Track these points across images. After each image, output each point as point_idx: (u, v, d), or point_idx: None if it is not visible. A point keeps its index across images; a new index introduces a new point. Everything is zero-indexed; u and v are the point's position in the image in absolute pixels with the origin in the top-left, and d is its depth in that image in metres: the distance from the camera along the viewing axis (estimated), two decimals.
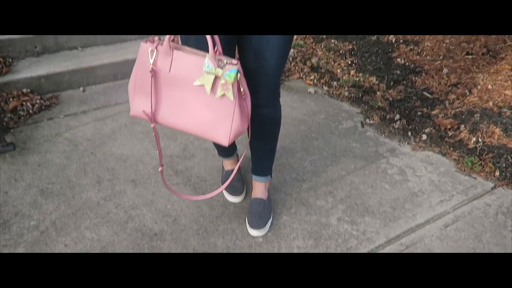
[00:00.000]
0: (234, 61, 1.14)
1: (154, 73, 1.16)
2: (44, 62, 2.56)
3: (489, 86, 2.58)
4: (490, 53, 2.99)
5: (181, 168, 1.92)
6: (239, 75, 1.14)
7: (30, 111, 2.27)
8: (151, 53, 1.16)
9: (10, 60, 2.51)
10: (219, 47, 1.17)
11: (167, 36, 1.16)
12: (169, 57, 1.16)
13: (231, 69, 1.13)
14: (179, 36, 1.26)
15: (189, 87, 1.17)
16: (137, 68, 1.19)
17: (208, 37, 1.13)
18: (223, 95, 1.15)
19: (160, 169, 1.27)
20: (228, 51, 1.31)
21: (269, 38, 1.29)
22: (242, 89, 1.17)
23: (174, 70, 1.16)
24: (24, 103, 2.29)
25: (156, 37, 1.19)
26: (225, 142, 1.20)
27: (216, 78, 1.14)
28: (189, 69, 1.16)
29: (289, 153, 2.06)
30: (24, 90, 2.36)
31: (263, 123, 1.49)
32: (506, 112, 2.33)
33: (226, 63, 1.14)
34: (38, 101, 2.33)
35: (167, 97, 1.19)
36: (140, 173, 1.88)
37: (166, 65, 1.17)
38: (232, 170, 1.81)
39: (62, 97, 2.47)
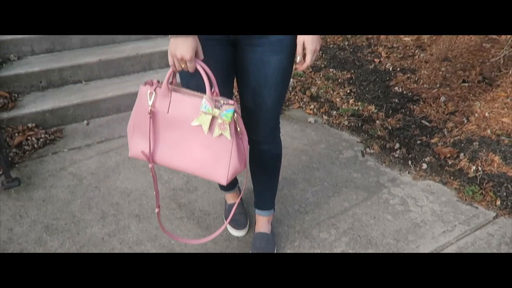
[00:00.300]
0: (231, 101, 1.18)
1: (152, 114, 1.20)
2: (49, 96, 2.61)
3: (486, 114, 2.62)
4: (486, 80, 3.05)
5: (184, 201, 1.94)
6: (235, 114, 1.17)
7: (35, 145, 2.30)
8: (150, 95, 1.19)
9: (16, 95, 2.56)
10: (215, 88, 1.21)
11: (166, 79, 1.20)
12: (167, 98, 1.20)
13: (228, 109, 1.16)
14: (178, 78, 1.30)
15: (187, 128, 1.20)
16: (136, 110, 1.23)
17: (205, 78, 1.17)
18: (221, 134, 1.18)
19: (156, 210, 1.27)
20: (225, 90, 1.35)
21: (267, 75, 1.32)
22: (239, 129, 1.20)
23: (172, 111, 1.20)
24: (29, 137, 2.32)
25: (155, 80, 1.23)
26: (223, 181, 1.22)
27: (214, 118, 1.17)
28: (187, 110, 1.19)
29: (291, 184, 2.08)
30: (29, 125, 2.40)
31: (264, 159, 1.52)
32: (504, 140, 2.37)
33: (223, 103, 1.17)
34: (43, 135, 2.37)
35: (165, 138, 1.22)
36: (144, 207, 1.89)
37: (165, 106, 1.20)
38: (234, 204, 1.83)
39: (67, 131, 2.51)
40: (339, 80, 3.30)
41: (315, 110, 2.87)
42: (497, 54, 3.29)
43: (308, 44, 1.24)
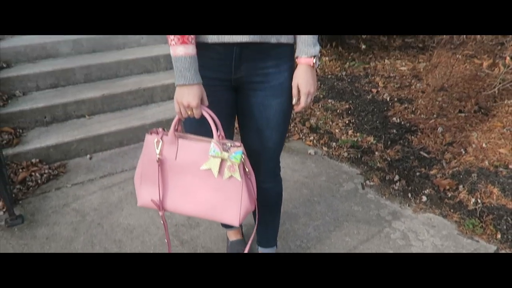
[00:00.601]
0: (237, 143, 1.21)
1: (160, 162, 1.23)
2: (52, 131, 2.65)
3: (484, 145, 2.67)
4: (482, 110, 3.11)
5: (186, 238, 1.95)
6: (243, 156, 1.21)
7: (39, 181, 2.32)
8: (157, 143, 1.23)
9: (21, 130, 2.60)
10: (221, 131, 1.25)
11: (172, 126, 1.24)
12: (174, 145, 1.23)
13: (237, 151, 1.19)
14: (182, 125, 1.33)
15: (196, 173, 1.23)
16: (143, 159, 1.25)
17: (211, 123, 1.21)
18: (231, 176, 1.21)
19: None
20: (227, 132, 1.38)
21: (268, 118, 1.36)
22: (247, 169, 1.23)
23: (180, 157, 1.23)
24: (33, 173, 2.35)
25: (160, 129, 1.26)
26: (236, 222, 1.24)
27: (223, 161, 1.20)
28: (195, 155, 1.22)
29: (293, 218, 2.10)
30: (33, 160, 2.43)
31: (265, 198, 1.55)
32: (503, 172, 2.40)
33: (230, 146, 1.21)
34: (46, 171, 2.40)
35: (174, 185, 1.25)
36: (146, 244, 1.90)
37: (172, 153, 1.23)
38: (236, 240, 1.84)
39: (70, 165, 2.54)
40: (338, 111, 3.36)
41: (314, 141, 2.91)
42: (492, 82, 3.37)
43: (302, 87, 1.29)
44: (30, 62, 3.04)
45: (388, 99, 3.51)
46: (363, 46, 4.31)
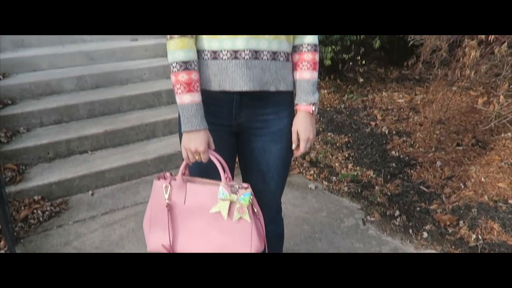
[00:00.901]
0: (245, 184, 1.24)
1: (170, 207, 1.25)
2: (55, 167, 2.68)
3: (482, 179, 2.69)
4: (479, 144, 3.15)
5: None
6: (252, 196, 1.23)
7: (40, 218, 2.33)
8: (166, 188, 1.25)
9: (24, 167, 2.63)
10: (228, 173, 1.28)
11: (180, 171, 1.26)
12: (183, 190, 1.26)
13: (245, 193, 1.21)
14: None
15: (205, 216, 1.24)
16: (152, 205, 1.28)
17: (219, 166, 1.24)
18: (240, 218, 1.22)
19: None
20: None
21: (268, 162, 1.39)
22: (255, 209, 1.25)
23: (189, 201, 1.25)
24: (35, 210, 2.36)
25: (167, 173, 1.29)
26: None
27: (232, 203, 1.22)
28: (204, 199, 1.24)
29: None
30: (35, 197, 2.45)
31: (267, 240, 1.55)
32: (502, 207, 2.41)
33: (238, 187, 1.23)
34: (48, 208, 2.41)
35: (184, 229, 1.26)
36: None
37: (181, 198, 1.25)
38: None
39: (72, 202, 2.55)
40: (338, 144, 3.40)
41: (315, 175, 2.94)
42: (489, 115, 3.42)
43: (301, 134, 1.33)
44: (35, 98, 3.10)
45: (386, 132, 3.56)
46: (361, 80, 4.40)
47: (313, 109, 1.31)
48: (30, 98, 3.10)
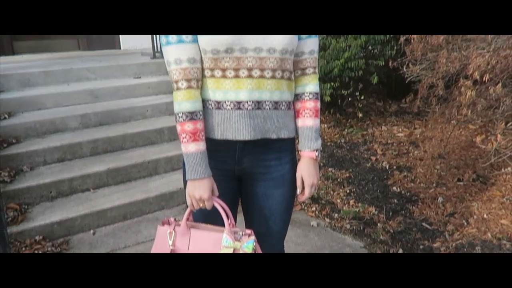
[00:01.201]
0: (248, 231, 1.25)
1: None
2: (57, 207, 2.68)
3: (485, 216, 2.68)
4: (480, 179, 3.16)
5: None
6: (255, 243, 1.23)
7: None
8: (170, 235, 1.26)
9: (26, 206, 2.64)
10: (232, 219, 1.29)
11: (184, 218, 1.28)
12: (186, 236, 1.27)
13: (249, 241, 1.22)
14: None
15: None
16: (156, 251, 1.28)
17: (223, 213, 1.25)
18: None
19: None
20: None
21: (271, 207, 1.40)
22: None
23: (192, 248, 1.26)
24: (36, 251, 2.35)
25: (172, 218, 1.30)
26: None
27: (235, 250, 1.23)
28: (207, 246, 1.25)
29: None
30: (37, 238, 2.44)
31: None
32: (506, 244, 2.40)
33: (242, 234, 1.24)
34: (49, 248, 2.40)
35: None
36: None
37: (185, 244, 1.26)
38: None
39: (73, 242, 2.54)
40: (339, 180, 3.41)
41: (317, 212, 2.93)
42: (488, 150, 3.45)
43: (306, 179, 1.36)
44: (39, 137, 3.14)
45: (387, 167, 3.58)
46: (360, 114, 4.46)
47: (317, 154, 1.34)
48: (34, 136, 3.14)
